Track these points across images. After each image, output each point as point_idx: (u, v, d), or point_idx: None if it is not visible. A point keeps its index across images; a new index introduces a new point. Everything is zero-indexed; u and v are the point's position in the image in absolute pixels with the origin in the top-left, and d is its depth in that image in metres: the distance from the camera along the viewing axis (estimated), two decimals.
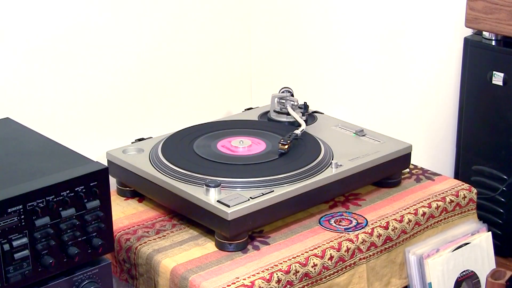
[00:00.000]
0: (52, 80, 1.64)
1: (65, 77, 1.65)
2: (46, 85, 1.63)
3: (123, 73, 1.75)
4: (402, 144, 1.61)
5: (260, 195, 1.39)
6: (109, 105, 1.74)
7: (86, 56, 1.67)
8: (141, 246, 1.41)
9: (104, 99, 1.73)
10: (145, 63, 1.78)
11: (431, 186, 1.62)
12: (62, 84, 1.65)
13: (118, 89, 1.75)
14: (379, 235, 1.47)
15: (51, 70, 1.63)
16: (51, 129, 1.63)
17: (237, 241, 1.39)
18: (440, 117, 1.82)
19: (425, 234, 1.55)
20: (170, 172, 1.47)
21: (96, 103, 1.71)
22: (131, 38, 1.74)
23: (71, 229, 1.22)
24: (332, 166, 1.50)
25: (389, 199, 1.57)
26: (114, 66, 1.73)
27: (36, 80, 1.61)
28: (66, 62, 1.65)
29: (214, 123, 1.71)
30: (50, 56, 1.62)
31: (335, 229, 1.45)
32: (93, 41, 1.67)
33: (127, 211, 1.54)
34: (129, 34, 1.73)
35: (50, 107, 1.64)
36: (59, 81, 1.65)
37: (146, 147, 1.59)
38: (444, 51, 1.77)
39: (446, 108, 1.81)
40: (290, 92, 1.74)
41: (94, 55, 1.68)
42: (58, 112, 1.66)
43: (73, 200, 1.21)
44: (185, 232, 1.46)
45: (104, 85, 1.72)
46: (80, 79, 1.68)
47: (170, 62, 1.83)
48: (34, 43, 1.59)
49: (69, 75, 1.66)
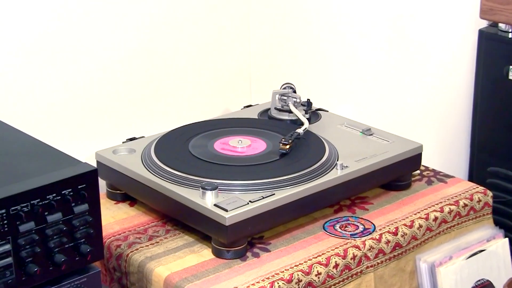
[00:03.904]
0: (37, 76, 1.64)
1: (50, 72, 1.65)
2: (31, 81, 1.63)
3: (113, 68, 1.75)
4: (412, 144, 1.62)
5: (260, 199, 1.39)
6: (98, 102, 1.74)
7: (73, 49, 1.67)
8: (132, 253, 1.41)
9: (92, 96, 1.73)
10: (137, 57, 1.78)
11: (444, 189, 1.62)
12: (48, 80, 1.65)
13: (108, 86, 1.75)
14: (388, 241, 1.47)
15: (36, 66, 1.63)
16: (36, 128, 1.63)
17: (236, 248, 1.39)
18: (453, 115, 1.82)
19: (437, 241, 1.55)
20: (163, 174, 1.47)
21: (84, 100, 1.72)
22: (122, 31, 1.74)
23: (57, 235, 1.21)
24: (337, 167, 1.50)
25: (399, 203, 1.57)
26: (104, 60, 1.73)
27: (20, 77, 1.61)
28: (51, 56, 1.65)
29: (211, 122, 1.71)
30: (34, 51, 1.62)
31: (341, 235, 1.46)
32: (81, 34, 1.68)
33: (118, 215, 1.54)
34: (119, 26, 1.74)
35: (35, 105, 1.65)
36: (44, 77, 1.65)
37: (138, 147, 1.59)
38: (457, 44, 1.77)
39: (459, 105, 1.81)
40: (292, 88, 1.74)
41: (82, 47, 1.69)
42: (44, 109, 1.66)
43: (60, 204, 1.21)
44: (180, 238, 1.46)
45: (92, 81, 1.72)
46: (67, 73, 1.68)
47: (164, 56, 1.83)
48: (20, 40, 1.59)
49: (55, 70, 1.66)
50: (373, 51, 1.87)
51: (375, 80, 1.88)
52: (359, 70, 1.90)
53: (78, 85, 1.70)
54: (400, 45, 1.82)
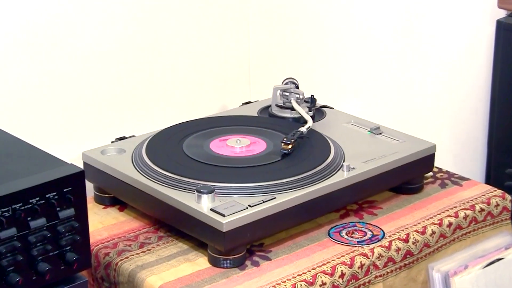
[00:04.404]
0: (20, 72, 1.64)
1: (33, 66, 1.65)
2: (13, 78, 1.63)
3: (101, 61, 1.75)
4: (425, 143, 1.62)
5: (260, 203, 1.40)
6: (85, 98, 1.74)
7: (57, 42, 1.67)
8: (122, 262, 1.41)
9: (79, 92, 1.73)
10: (127, 50, 1.78)
11: (458, 193, 1.62)
12: (30, 75, 1.65)
13: (96, 81, 1.75)
14: (398, 249, 1.47)
15: (18, 61, 1.63)
16: (18, 126, 1.63)
17: (234, 256, 1.39)
18: (468, 112, 1.82)
19: (452, 248, 1.56)
20: (155, 176, 1.47)
21: (69, 96, 1.71)
22: (110, 21, 1.74)
23: (41, 242, 1.22)
24: (344, 169, 1.50)
25: (410, 208, 1.57)
26: (91, 51, 1.73)
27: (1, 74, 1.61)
28: (34, 50, 1.65)
29: (206, 120, 1.72)
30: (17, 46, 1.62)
31: (347, 242, 1.46)
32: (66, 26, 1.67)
33: (106, 221, 1.54)
34: (107, 17, 1.73)
35: (16, 102, 1.65)
36: (26, 72, 1.65)
37: (128, 147, 1.59)
38: (473, 36, 1.77)
39: (475, 101, 1.81)
40: (295, 84, 1.74)
41: (67, 40, 1.68)
42: (26, 107, 1.66)
43: (44, 209, 1.21)
44: (173, 245, 1.46)
45: (79, 75, 1.72)
46: (50, 66, 1.68)
47: (156, 49, 1.83)
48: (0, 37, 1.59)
49: (37, 63, 1.66)
50: (382, 43, 1.86)
51: (384, 75, 1.88)
52: (367, 64, 1.90)
53: (63, 80, 1.70)
54: (411, 37, 1.82)
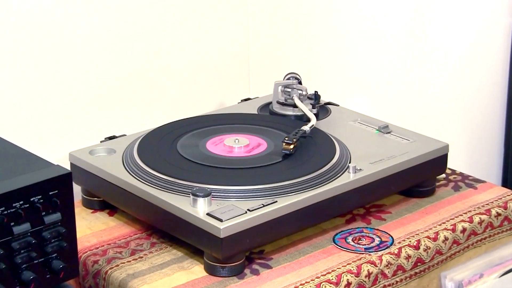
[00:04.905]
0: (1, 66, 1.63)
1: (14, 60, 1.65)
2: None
3: (88, 54, 1.75)
4: (437, 143, 1.62)
5: (260, 207, 1.40)
6: (72, 95, 1.74)
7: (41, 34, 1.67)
8: (112, 270, 1.41)
9: (65, 88, 1.73)
10: (117, 43, 1.78)
11: (473, 196, 1.62)
12: (13, 71, 1.65)
13: (83, 76, 1.75)
14: (408, 256, 1.47)
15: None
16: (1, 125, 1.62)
17: (232, 264, 1.39)
18: (484, 109, 1.82)
19: (466, 256, 1.56)
20: (148, 178, 1.47)
21: (55, 92, 1.72)
22: (98, 13, 1.74)
23: (25, 249, 1.22)
24: (350, 170, 1.50)
25: (421, 212, 1.58)
26: (77, 44, 1.73)
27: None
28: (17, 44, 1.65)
29: (203, 117, 1.72)
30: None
31: (353, 249, 1.46)
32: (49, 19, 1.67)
33: (95, 226, 1.54)
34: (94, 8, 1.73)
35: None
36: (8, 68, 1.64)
37: (118, 147, 1.60)
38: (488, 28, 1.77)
39: (491, 98, 1.81)
40: (298, 79, 1.74)
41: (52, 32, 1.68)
42: (8, 104, 1.66)
43: (28, 213, 1.21)
44: (167, 252, 1.46)
45: (65, 70, 1.72)
46: (34, 61, 1.67)
47: (149, 42, 1.83)
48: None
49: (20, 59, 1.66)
50: (392, 35, 1.86)
51: (394, 69, 1.88)
52: (375, 58, 1.90)
53: (47, 75, 1.70)
54: (424, 29, 1.82)
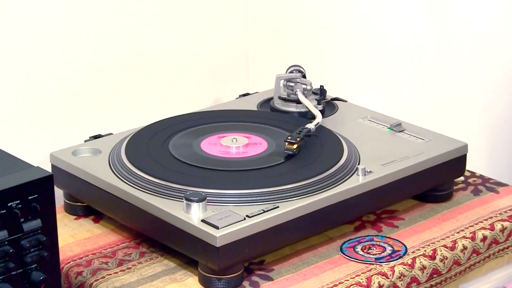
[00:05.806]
0: None
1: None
2: None
3: (72, 46, 1.74)
4: (455, 143, 1.62)
5: (260, 213, 1.40)
6: (54, 90, 1.74)
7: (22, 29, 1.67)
8: (98, 283, 1.41)
9: (46, 83, 1.72)
10: (104, 33, 1.78)
11: (494, 201, 1.62)
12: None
13: (66, 70, 1.75)
14: (423, 267, 1.47)
15: None
16: None
17: (229, 276, 1.39)
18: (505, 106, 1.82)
19: (486, 266, 1.56)
20: (137, 181, 1.47)
21: (35, 88, 1.71)
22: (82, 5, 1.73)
23: (2, 259, 1.21)
24: (359, 173, 1.50)
25: (437, 218, 1.58)
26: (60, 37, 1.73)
27: None
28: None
29: (197, 114, 1.72)
30: None
31: (363, 259, 1.46)
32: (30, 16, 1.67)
33: (79, 234, 1.54)
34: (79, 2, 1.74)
35: None
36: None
37: (104, 147, 1.59)
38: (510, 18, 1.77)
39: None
40: (301, 72, 1.75)
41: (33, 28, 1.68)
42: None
43: (5, 219, 1.21)
44: (158, 263, 1.46)
45: (46, 65, 1.72)
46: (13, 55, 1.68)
47: (138, 33, 1.83)
48: None
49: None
50: (404, 25, 1.86)
51: (407, 62, 1.88)
52: (387, 49, 1.90)
53: (29, 73, 1.69)
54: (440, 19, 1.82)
